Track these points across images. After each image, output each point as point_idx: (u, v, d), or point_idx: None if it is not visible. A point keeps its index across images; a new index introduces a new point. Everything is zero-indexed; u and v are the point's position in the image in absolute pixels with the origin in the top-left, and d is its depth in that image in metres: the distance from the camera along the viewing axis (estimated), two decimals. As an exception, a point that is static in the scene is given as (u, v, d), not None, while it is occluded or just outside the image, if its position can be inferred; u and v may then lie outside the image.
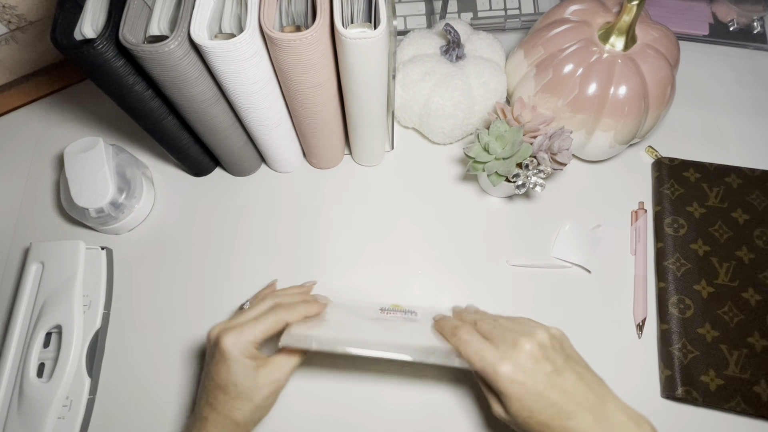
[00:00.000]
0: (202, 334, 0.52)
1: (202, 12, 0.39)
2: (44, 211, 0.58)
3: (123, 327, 0.53)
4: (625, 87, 0.50)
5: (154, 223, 0.58)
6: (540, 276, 0.55)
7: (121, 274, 0.55)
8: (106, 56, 0.39)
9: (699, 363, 0.49)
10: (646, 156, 0.61)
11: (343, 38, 0.38)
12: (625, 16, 0.48)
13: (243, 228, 0.57)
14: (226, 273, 0.55)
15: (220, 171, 0.60)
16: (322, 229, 0.57)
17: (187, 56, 0.39)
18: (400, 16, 0.66)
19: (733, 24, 0.68)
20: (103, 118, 0.63)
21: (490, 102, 0.56)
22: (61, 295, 0.50)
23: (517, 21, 0.66)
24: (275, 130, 0.51)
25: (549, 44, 0.53)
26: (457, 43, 0.54)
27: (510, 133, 0.51)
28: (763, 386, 0.48)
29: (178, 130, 0.51)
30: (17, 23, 0.56)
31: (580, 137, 0.54)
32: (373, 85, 0.44)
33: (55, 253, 0.52)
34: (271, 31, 0.38)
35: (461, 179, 0.60)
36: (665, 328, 0.51)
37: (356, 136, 0.54)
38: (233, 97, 0.44)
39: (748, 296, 0.52)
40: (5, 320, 0.52)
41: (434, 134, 0.58)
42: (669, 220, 0.55)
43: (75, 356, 0.48)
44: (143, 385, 0.51)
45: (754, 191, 0.56)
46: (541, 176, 0.51)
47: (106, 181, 0.52)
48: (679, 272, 0.53)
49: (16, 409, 0.47)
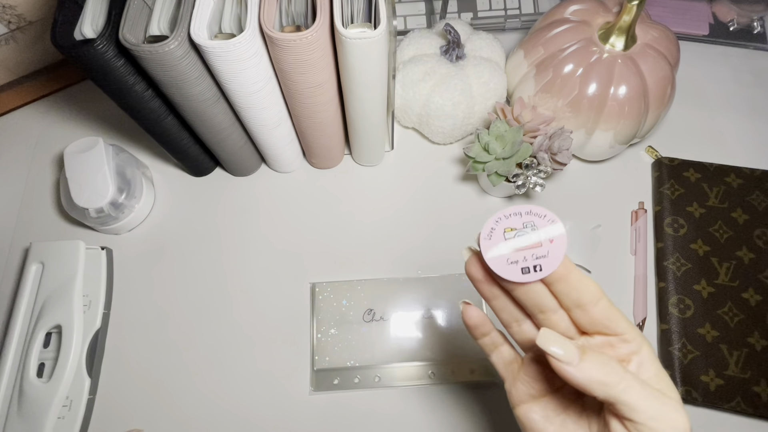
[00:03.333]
0: (202, 334, 0.52)
1: (202, 12, 0.39)
2: (44, 211, 0.58)
3: (123, 327, 0.53)
4: (625, 87, 0.50)
5: (154, 223, 0.58)
6: (540, 276, 0.55)
7: (121, 274, 0.55)
8: (106, 56, 0.39)
9: (699, 363, 0.49)
10: (646, 156, 0.61)
11: (343, 38, 0.38)
12: (625, 15, 0.48)
13: (243, 228, 0.57)
14: (226, 273, 0.55)
15: (220, 171, 0.60)
16: (322, 228, 0.57)
17: (187, 56, 0.39)
18: (400, 16, 0.66)
19: (733, 24, 0.68)
20: (103, 118, 0.63)
21: (490, 102, 0.56)
22: (61, 295, 0.50)
23: (517, 21, 0.66)
24: (275, 130, 0.51)
25: (549, 44, 0.54)
26: (457, 43, 0.55)
27: (510, 133, 0.51)
28: (763, 386, 0.48)
29: (178, 130, 0.51)
30: (17, 23, 0.56)
31: (580, 137, 0.54)
32: (373, 85, 0.44)
33: (55, 253, 0.52)
34: (271, 31, 0.38)
35: (461, 179, 0.60)
36: (665, 328, 0.51)
37: (356, 136, 0.54)
38: (233, 97, 0.44)
39: (748, 296, 0.52)
40: (5, 320, 0.52)
41: (434, 134, 0.58)
42: (669, 220, 0.55)
43: (75, 356, 0.48)
44: (143, 385, 0.51)
45: (754, 191, 0.56)
46: (541, 176, 0.51)
47: (106, 181, 0.52)
48: (679, 272, 0.53)
49: (16, 409, 0.47)
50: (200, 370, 0.51)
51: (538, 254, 0.26)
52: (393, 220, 0.57)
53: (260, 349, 0.52)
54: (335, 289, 0.53)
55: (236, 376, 0.51)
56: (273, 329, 0.53)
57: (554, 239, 0.26)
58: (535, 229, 0.27)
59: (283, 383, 0.50)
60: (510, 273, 0.27)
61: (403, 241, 0.56)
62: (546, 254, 0.26)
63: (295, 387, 0.50)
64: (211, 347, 0.52)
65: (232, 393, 0.50)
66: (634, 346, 0.28)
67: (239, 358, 0.52)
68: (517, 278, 0.27)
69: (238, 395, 0.50)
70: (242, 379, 0.51)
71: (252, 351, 0.52)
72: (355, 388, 0.50)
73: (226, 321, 0.53)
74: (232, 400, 0.50)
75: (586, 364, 0.25)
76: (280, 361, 0.51)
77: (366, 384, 0.50)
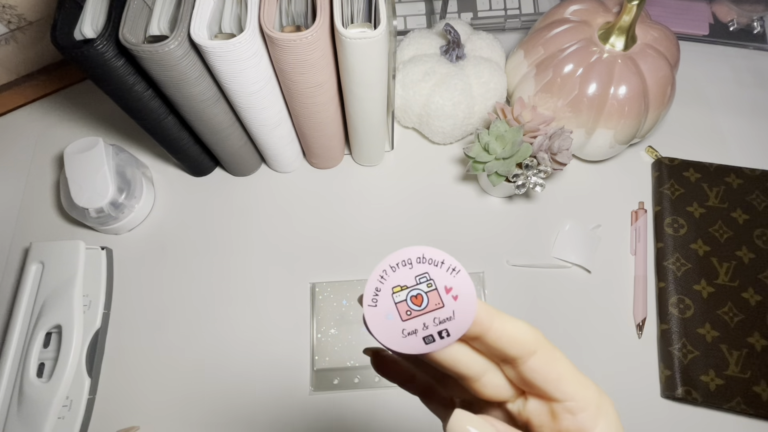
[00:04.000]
0: (202, 334, 0.52)
1: (202, 12, 0.39)
2: (44, 211, 0.58)
3: (123, 327, 0.53)
4: (625, 87, 0.50)
5: (154, 223, 0.58)
6: (540, 276, 0.55)
7: (121, 274, 0.55)
8: (106, 56, 0.39)
9: (699, 363, 0.49)
10: (646, 156, 0.61)
11: (343, 38, 0.38)
12: (625, 16, 0.48)
13: (243, 228, 0.57)
14: (226, 273, 0.55)
15: (220, 171, 0.60)
16: (322, 228, 0.57)
17: (187, 56, 0.39)
18: (400, 16, 0.66)
19: (733, 24, 0.68)
20: (103, 118, 0.63)
21: (490, 102, 0.56)
22: (61, 295, 0.50)
23: (517, 21, 0.66)
24: (275, 130, 0.51)
25: (549, 44, 0.53)
26: (457, 43, 0.54)
27: (510, 133, 0.51)
28: (763, 386, 0.48)
29: (178, 130, 0.51)
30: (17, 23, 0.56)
31: (580, 137, 0.54)
32: (373, 85, 0.44)
33: (55, 253, 0.52)
34: (271, 31, 0.38)
35: (461, 179, 0.60)
36: (665, 328, 0.51)
37: (356, 136, 0.54)
38: (233, 97, 0.44)
39: (748, 296, 0.52)
40: (5, 320, 0.52)
41: (434, 134, 0.58)
42: (669, 220, 0.55)
43: (75, 356, 0.48)
44: (143, 385, 0.51)
45: (754, 191, 0.56)
46: (541, 176, 0.51)
47: (106, 181, 0.52)
48: (679, 272, 0.53)
49: (16, 409, 0.47)
50: (200, 370, 0.51)
51: (440, 317, 0.20)
52: (393, 220, 0.57)
53: (260, 349, 0.52)
54: (335, 289, 0.53)
55: (236, 375, 0.51)
56: (273, 329, 0.53)
57: (459, 295, 0.20)
58: (431, 286, 0.20)
59: (283, 383, 0.50)
60: (410, 346, 0.20)
61: (403, 241, 0.56)
62: (451, 315, 0.20)
63: (295, 387, 0.50)
64: (210, 347, 0.52)
65: (232, 393, 0.50)
66: (584, 421, 0.20)
67: (239, 358, 0.52)
68: (420, 350, 0.20)
69: (238, 395, 0.50)
70: (242, 379, 0.51)
71: (252, 351, 0.52)
72: (355, 388, 0.50)
73: (226, 321, 0.53)
74: (232, 399, 0.50)
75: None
76: (280, 360, 0.51)
77: (366, 384, 0.50)
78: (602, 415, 0.20)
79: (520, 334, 0.20)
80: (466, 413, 0.19)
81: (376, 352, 0.26)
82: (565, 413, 0.20)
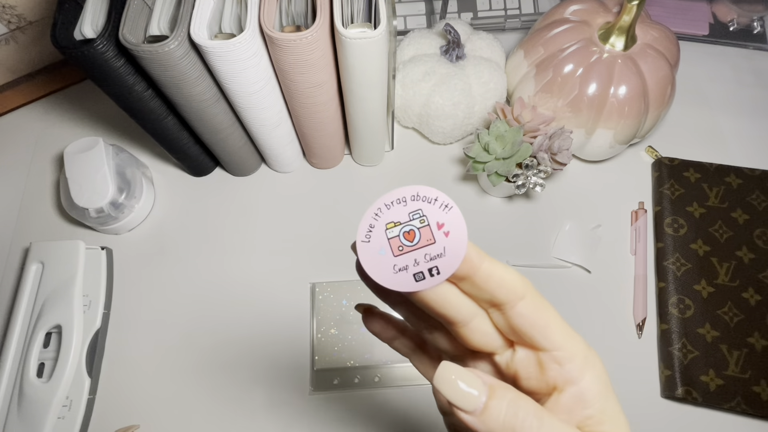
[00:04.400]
0: (202, 334, 0.52)
1: (202, 12, 0.39)
2: (44, 211, 0.58)
3: (123, 327, 0.53)
4: (625, 87, 0.50)
5: (154, 223, 0.58)
6: (540, 276, 0.55)
7: (121, 274, 0.55)
8: (106, 56, 0.39)
9: (699, 363, 0.49)
10: (646, 156, 0.61)
11: (343, 38, 0.38)
12: (625, 15, 0.48)
13: (243, 228, 0.57)
14: (226, 273, 0.55)
15: (220, 171, 0.60)
16: (322, 228, 0.57)
17: (187, 56, 0.39)
18: (400, 16, 0.66)
19: (733, 24, 0.68)
20: (103, 118, 0.63)
21: (490, 102, 0.56)
22: (61, 295, 0.50)
23: (517, 21, 0.66)
24: (275, 130, 0.51)
25: (549, 44, 0.54)
26: (457, 43, 0.54)
27: (510, 133, 0.51)
28: (763, 386, 0.48)
29: (178, 130, 0.51)
30: (17, 23, 0.56)
31: (580, 137, 0.54)
32: (373, 85, 0.44)
33: (55, 253, 0.52)
34: (271, 31, 0.38)
35: (461, 179, 0.60)
36: (665, 328, 0.51)
37: (356, 136, 0.54)
38: (233, 97, 0.44)
39: (748, 296, 0.52)
40: (5, 320, 0.52)
41: (434, 134, 0.58)
42: (669, 220, 0.55)
43: (75, 356, 0.48)
44: (143, 385, 0.51)
45: (754, 191, 0.56)
46: (541, 176, 0.51)
47: (106, 181, 0.52)
48: (679, 272, 0.53)
49: (16, 409, 0.47)
50: (200, 370, 0.51)
51: (431, 253, 0.20)
52: (393, 220, 0.57)
53: (260, 348, 0.52)
54: (335, 289, 0.53)
55: (236, 375, 0.51)
56: (273, 329, 0.53)
57: (450, 231, 0.20)
58: (424, 222, 0.20)
59: (283, 383, 0.50)
60: (400, 283, 0.20)
61: (403, 241, 0.56)
62: (442, 252, 0.20)
63: (295, 387, 0.50)
64: (210, 347, 0.52)
65: (232, 393, 0.50)
66: (570, 372, 0.20)
67: (239, 358, 0.51)
68: (410, 287, 0.20)
69: (237, 395, 0.50)
70: (242, 379, 0.51)
71: (252, 351, 0.52)
72: (355, 388, 0.50)
73: (226, 321, 0.53)
74: (232, 399, 0.50)
75: (490, 416, 0.18)
76: (280, 360, 0.51)
77: (366, 384, 0.50)
78: (589, 367, 0.20)
79: (509, 277, 0.20)
80: (453, 364, 0.19)
81: (368, 308, 0.26)
82: (552, 363, 0.20)
